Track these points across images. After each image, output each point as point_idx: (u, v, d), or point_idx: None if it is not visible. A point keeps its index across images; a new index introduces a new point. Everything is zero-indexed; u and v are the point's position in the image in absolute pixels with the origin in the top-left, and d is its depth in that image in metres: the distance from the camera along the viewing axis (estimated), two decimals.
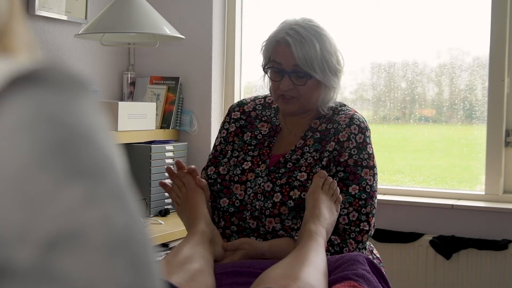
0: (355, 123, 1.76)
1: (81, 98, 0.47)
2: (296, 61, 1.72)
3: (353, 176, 1.73)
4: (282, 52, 1.76)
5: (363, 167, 1.74)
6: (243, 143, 1.86)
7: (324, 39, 1.75)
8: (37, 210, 0.42)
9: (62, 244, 0.42)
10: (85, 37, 2.71)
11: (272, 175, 1.76)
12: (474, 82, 2.87)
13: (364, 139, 1.76)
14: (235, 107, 1.94)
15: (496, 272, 2.59)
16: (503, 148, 2.71)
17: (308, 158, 1.77)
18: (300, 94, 1.76)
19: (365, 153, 1.75)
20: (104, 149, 0.46)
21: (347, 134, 1.75)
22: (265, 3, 3.22)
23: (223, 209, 1.78)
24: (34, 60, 0.47)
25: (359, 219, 1.71)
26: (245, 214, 1.76)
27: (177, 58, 3.15)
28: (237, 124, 1.90)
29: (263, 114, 1.91)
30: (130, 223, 0.45)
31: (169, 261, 1.48)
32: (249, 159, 1.82)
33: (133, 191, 0.48)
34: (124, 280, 0.43)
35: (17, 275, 0.41)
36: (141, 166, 2.80)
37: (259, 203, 1.74)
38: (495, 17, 2.68)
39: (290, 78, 1.75)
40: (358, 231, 1.71)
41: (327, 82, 1.75)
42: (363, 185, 1.73)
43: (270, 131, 1.86)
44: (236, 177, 1.80)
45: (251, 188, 1.77)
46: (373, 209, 1.74)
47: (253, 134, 1.87)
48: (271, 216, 1.72)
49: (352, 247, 1.70)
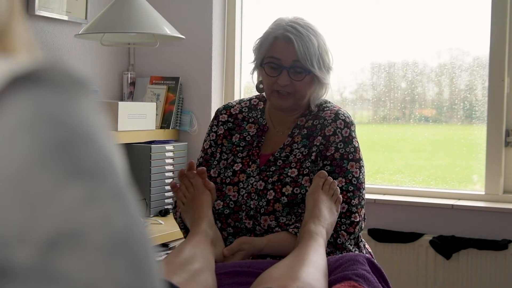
0: (340, 118, 1.80)
1: (81, 98, 0.47)
2: (298, 57, 1.76)
3: (340, 169, 1.76)
4: (281, 48, 1.79)
5: (349, 160, 1.77)
6: (231, 145, 1.89)
7: (320, 37, 1.81)
8: (37, 210, 0.42)
9: (62, 244, 0.42)
10: (85, 37, 2.71)
11: (264, 173, 1.79)
12: (474, 82, 2.87)
13: (350, 133, 1.80)
14: (222, 110, 1.96)
15: (496, 272, 2.59)
16: (503, 148, 2.71)
17: (297, 154, 1.80)
18: (296, 90, 1.79)
19: (351, 147, 1.78)
20: (104, 149, 0.46)
21: (333, 129, 1.79)
22: (265, 3, 3.22)
23: (218, 211, 1.80)
24: (34, 60, 0.47)
25: (350, 211, 1.74)
26: (241, 214, 1.78)
27: (177, 58, 3.15)
28: (225, 126, 1.92)
29: (249, 115, 1.93)
30: (130, 223, 0.45)
31: (170, 261, 1.48)
32: (239, 160, 1.85)
33: (133, 191, 0.48)
34: (124, 280, 0.43)
35: (17, 275, 0.41)
36: (141, 166, 2.80)
37: (254, 202, 1.77)
38: (495, 17, 2.68)
39: (289, 73, 1.78)
40: (349, 223, 1.73)
41: (323, 78, 1.80)
42: (349, 177, 1.76)
43: (258, 131, 1.89)
44: (227, 179, 1.82)
45: (244, 189, 1.79)
46: (362, 200, 1.77)
47: (241, 136, 1.89)
48: (266, 214, 1.75)
49: (344, 238, 1.72)
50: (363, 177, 1.80)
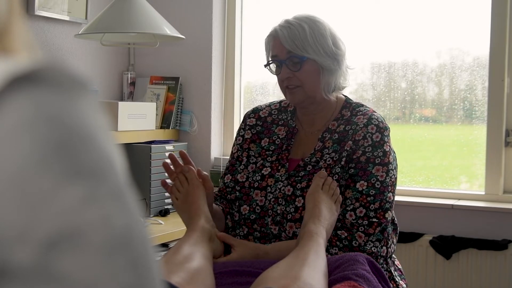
0: (373, 123, 1.74)
1: (81, 98, 0.47)
2: (285, 46, 1.74)
3: (363, 173, 1.70)
4: (274, 44, 1.79)
5: (375, 164, 1.70)
6: (261, 149, 1.86)
7: (316, 24, 1.76)
8: (37, 210, 0.42)
9: (62, 244, 0.42)
10: (85, 37, 2.71)
11: (292, 178, 1.75)
12: (474, 82, 2.87)
13: (381, 138, 1.73)
14: (250, 114, 1.93)
15: (496, 272, 2.59)
16: (503, 148, 2.71)
17: (328, 159, 1.75)
18: (301, 81, 1.76)
19: (380, 151, 1.71)
20: (104, 149, 0.46)
21: (363, 133, 1.73)
22: (265, 3, 3.22)
23: (244, 216, 1.78)
24: (34, 60, 0.47)
25: (367, 215, 1.68)
26: (267, 220, 1.75)
27: (177, 58, 3.15)
28: (253, 130, 1.89)
29: (279, 118, 1.90)
30: (130, 223, 0.45)
31: (169, 260, 1.47)
32: (268, 164, 1.81)
33: (133, 191, 0.48)
34: (124, 280, 0.43)
35: (17, 275, 0.41)
36: (141, 166, 2.80)
37: (280, 208, 1.73)
38: (495, 17, 2.68)
39: (287, 66, 1.76)
40: (367, 223, 1.68)
41: (324, 63, 1.75)
42: (372, 181, 1.69)
43: (287, 133, 1.86)
44: (256, 183, 1.79)
45: (271, 193, 1.76)
46: (385, 203, 1.69)
47: (271, 140, 1.86)
48: (292, 221, 1.71)
49: (362, 240, 1.67)
50: (391, 181, 1.72)
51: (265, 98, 3.23)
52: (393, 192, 1.73)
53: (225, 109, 3.19)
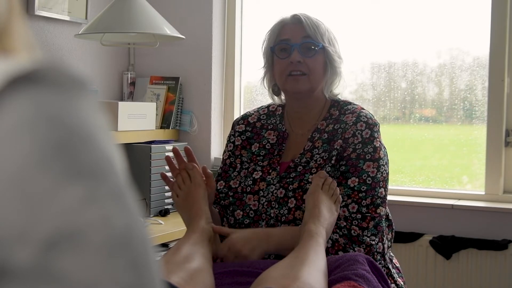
0: (362, 120, 1.75)
1: (81, 98, 0.47)
2: (307, 32, 1.78)
3: (354, 169, 1.71)
4: (290, 28, 1.81)
5: (366, 160, 1.71)
6: (251, 155, 1.86)
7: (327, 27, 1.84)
8: (37, 210, 0.42)
9: (62, 244, 0.42)
10: (85, 37, 2.71)
11: (284, 181, 1.75)
12: (474, 82, 2.87)
13: (371, 134, 1.73)
14: (239, 120, 1.93)
15: (496, 272, 2.59)
16: (503, 148, 2.71)
17: (318, 159, 1.76)
18: (310, 69, 1.77)
19: (370, 147, 1.72)
20: (104, 149, 0.46)
21: (353, 131, 1.74)
22: (265, 3, 3.22)
23: (238, 221, 1.78)
24: (34, 60, 0.47)
25: (359, 211, 1.69)
26: (261, 223, 1.74)
27: (177, 58, 3.15)
28: (242, 137, 1.89)
29: (268, 122, 1.90)
30: (130, 223, 0.45)
31: (169, 260, 1.47)
32: (259, 168, 1.81)
33: (133, 191, 0.48)
34: (124, 280, 0.43)
35: (17, 275, 0.41)
36: (141, 166, 2.80)
37: (274, 211, 1.73)
38: (495, 17, 2.68)
39: (299, 50, 1.77)
40: (361, 217, 1.68)
41: (333, 59, 1.80)
42: (363, 177, 1.70)
43: (278, 138, 1.86)
44: (248, 187, 1.79)
45: (264, 197, 1.76)
46: (376, 199, 1.70)
47: (261, 145, 1.86)
48: (286, 222, 1.71)
49: (356, 233, 1.67)
50: (382, 176, 1.73)
51: (265, 98, 3.23)
52: (385, 187, 1.74)
53: (225, 109, 3.19)
